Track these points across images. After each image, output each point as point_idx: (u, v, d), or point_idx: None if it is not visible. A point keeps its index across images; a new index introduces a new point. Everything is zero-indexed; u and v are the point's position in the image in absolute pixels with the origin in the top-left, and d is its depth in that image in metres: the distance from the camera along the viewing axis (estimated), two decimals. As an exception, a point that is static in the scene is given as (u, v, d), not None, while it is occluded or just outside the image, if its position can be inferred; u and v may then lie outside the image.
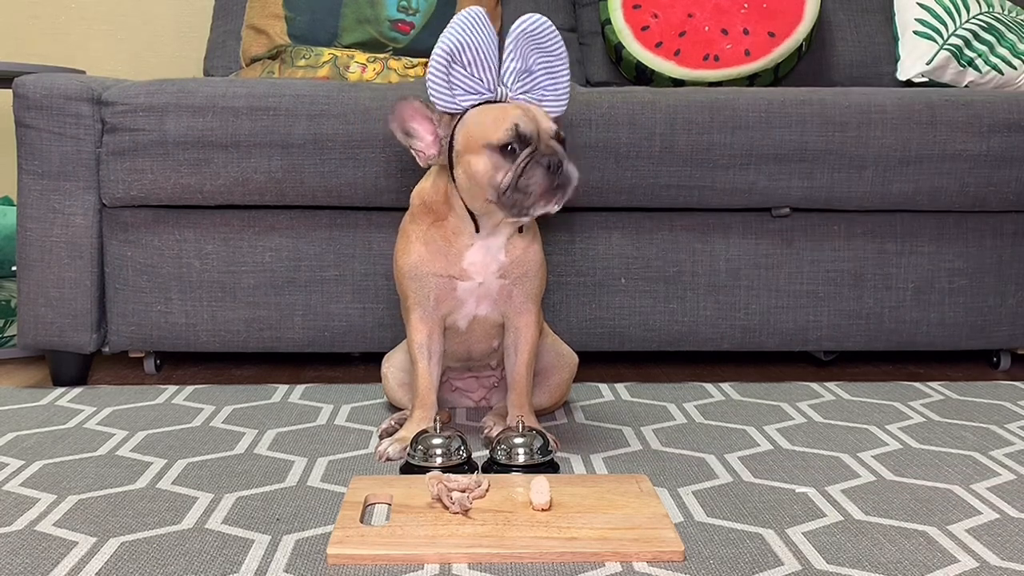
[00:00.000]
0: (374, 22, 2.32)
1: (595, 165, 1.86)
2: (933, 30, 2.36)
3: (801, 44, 2.32)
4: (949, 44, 2.34)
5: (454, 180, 1.43)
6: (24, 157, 1.84)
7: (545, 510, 1.20)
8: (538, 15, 1.47)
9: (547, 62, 1.47)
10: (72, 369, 1.93)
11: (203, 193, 1.84)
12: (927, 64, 2.36)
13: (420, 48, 2.33)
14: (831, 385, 1.93)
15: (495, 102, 1.43)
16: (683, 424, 1.66)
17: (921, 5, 2.39)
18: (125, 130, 1.81)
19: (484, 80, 1.43)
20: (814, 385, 1.93)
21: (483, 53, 1.42)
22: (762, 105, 1.87)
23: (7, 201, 2.41)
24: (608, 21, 2.38)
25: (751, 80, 2.31)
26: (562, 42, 1.48)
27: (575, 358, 1.68)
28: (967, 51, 2.35)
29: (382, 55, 2.30)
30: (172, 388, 1.88)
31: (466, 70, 1.42)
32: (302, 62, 2.27)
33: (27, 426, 1.63)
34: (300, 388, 1.89)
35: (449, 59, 1.40)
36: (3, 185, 2.76)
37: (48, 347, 1.89)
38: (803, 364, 2.16)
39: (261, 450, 1.51)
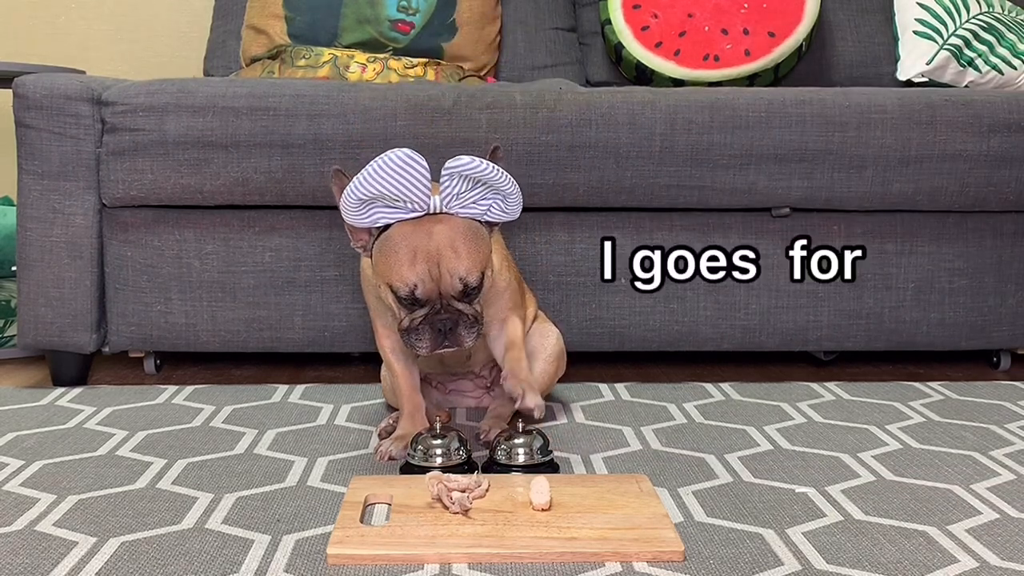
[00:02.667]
0: (374, 22, 2.32)
1: (595, 165, 1.86)
2: (933, 30, 2.36)
3: (801, 44, 2.32)
4: (949, 44, 2.34)
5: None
6: (24, 157, 1.84)
7: (545, 510, 1.20)
8: (473, 159, 1.31)
9: (495, 188, 1.37)
10: (72, 369, 1.93)
11: (203, 193, 1.84)
12: (927, 64, 2.36)
13: (420, 48, 2.33)
14: (831, 385, 1.93)
15: (427, 214, 1.36)
16: (683, 424, 1.66)
17: (921, 5, 2.39)
18: (125, 130, 1.81)
19: (409, 206, 1.34)
20: (814, 385, 1.93)
21: (408, 191, 1.32)
22: (762, 105, 1.87)
23: (7, 201, 2.41)
24: (608, 21, 2.38)
25: (751, 80, 2.31)
26: (504, 175, 1.34)
27: (556, 332, 1.67)
28: (967, 51, 2.35)
29: (382, 55, 2.30)
30: (172, 388, 1.88)
31: (387, 204, 1.34)
32: (302, 62, 2.27)
33: (27, 426, 1.63)
34: (300, 388, 1.89)
35: (360, 203, 1.33)
36: (3, 185, 2.76)
37: (48, 347, 1.89)
38: (803, 364, 2.16)
39: (261, 450, 1.51)
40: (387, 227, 1.37)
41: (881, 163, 1.89)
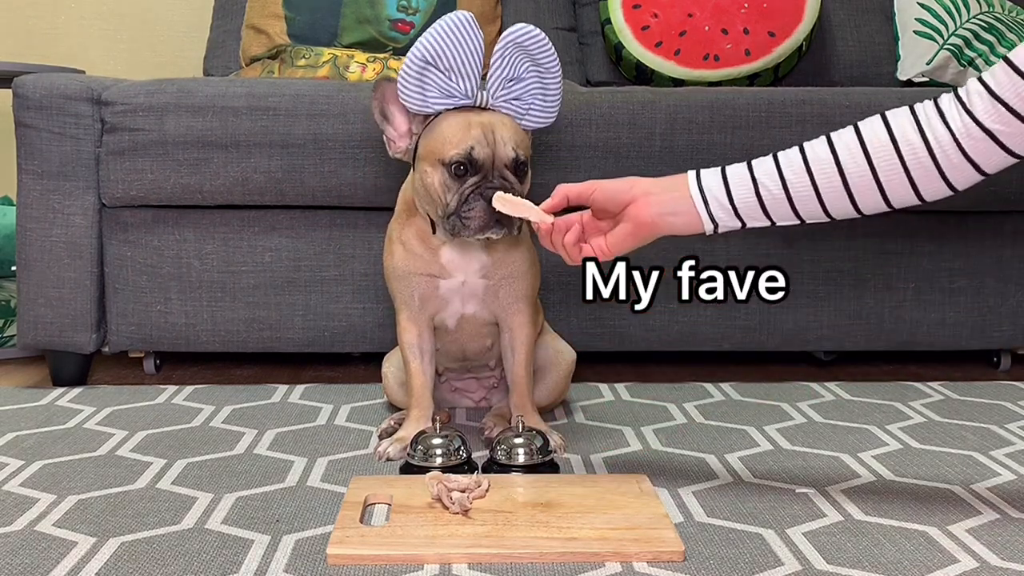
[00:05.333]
0: (374, 22, 2.32)
1: (595, 165, 1.86)
2: (933, 30, 2.36)
3: (801, 44, 2.32)
4: (949, 44, 2.34)
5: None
6: (24, 157, 1.84)
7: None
8: (530, 26, 1.39)
9: (538, 73, 1.43)
10: (72, 369, 1.93)
11: (203, 193, 1.84)
12: (927, 64, 2.36)
13: (420, 48, 2.33)
14: (831, 385, 1.93)
15: (474, 107, 1.40)
16: (683, 424, 1.66)
17: (921, 5, 2.39)
18: (125, 130, 1.81)
19: (462, 87, 1.38)
20: (814, 385, 1.93)
21: (464, 60, 1.37)
22: (762, 105, 1.87)
23: (7, 201, 2.41)
24: (608, 21, 2.38)
25: (751, 80, 2.31)
26: (555, 54, 1.42)
27: (572, 355, 1.68)
28: (967, 51, 2.35)
29: (382, 55, 2.30)
30: (172, 388, 1.88)
31: (444, 75, 1.38)
32: (302, 62, 2.27)
33: (27, 426, 1.63)
34: (300, 388, 1.89)
35: (424, 63, 1.36)
36: (3, 185, 2.76)
37: (48, 347, 1.89)
38: (803, 364, 2.16)
39: (261, 450, 1.51)
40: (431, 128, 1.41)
41: (881, 163, 1.89)
